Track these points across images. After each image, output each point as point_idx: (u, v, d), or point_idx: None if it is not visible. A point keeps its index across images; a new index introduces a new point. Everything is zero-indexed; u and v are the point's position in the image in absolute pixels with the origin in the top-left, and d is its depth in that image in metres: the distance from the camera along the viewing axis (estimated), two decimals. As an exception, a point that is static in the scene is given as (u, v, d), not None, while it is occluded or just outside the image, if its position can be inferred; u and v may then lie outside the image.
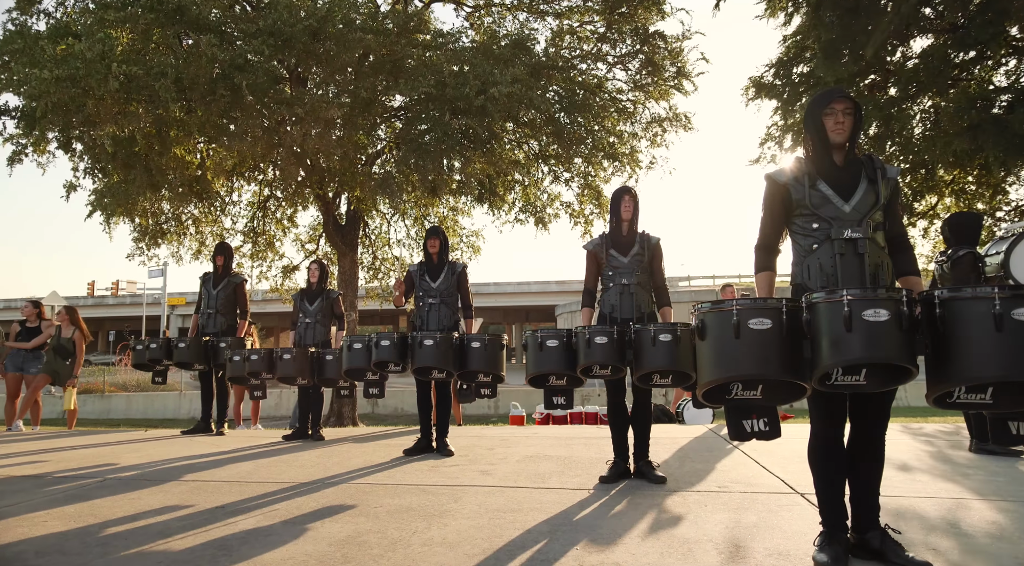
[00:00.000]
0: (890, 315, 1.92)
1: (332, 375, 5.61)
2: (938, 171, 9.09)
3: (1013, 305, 1.82)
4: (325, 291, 6.12)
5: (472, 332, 4.80)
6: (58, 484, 4.02)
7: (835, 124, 2.36)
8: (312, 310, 6.04)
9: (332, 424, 10.09)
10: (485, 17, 10.96)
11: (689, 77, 10.17)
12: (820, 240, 2.35)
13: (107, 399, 20.70)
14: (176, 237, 11.33)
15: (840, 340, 1.95)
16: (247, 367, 5.63)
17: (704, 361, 2.25)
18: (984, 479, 3.85)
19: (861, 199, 2.33)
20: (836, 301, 1.97)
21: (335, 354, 5.55)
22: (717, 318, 2.18)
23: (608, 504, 3.34)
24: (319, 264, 6.20)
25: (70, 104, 5.94)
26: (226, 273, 6.57)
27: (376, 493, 3.65)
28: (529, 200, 10.50)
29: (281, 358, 5.62)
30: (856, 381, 2.08)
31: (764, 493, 3.55)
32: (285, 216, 12.61)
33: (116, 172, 7.74)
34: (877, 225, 2.35)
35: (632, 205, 4.01)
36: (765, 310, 2.12)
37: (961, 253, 4.71)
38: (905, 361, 1.95)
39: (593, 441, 5.56)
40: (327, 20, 6.59)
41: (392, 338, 4.69)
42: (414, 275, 5.05)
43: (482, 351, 4.43)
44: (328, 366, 5.62)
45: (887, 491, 3.51)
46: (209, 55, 5.85)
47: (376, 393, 5.22)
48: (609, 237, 4.01)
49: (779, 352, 2.08)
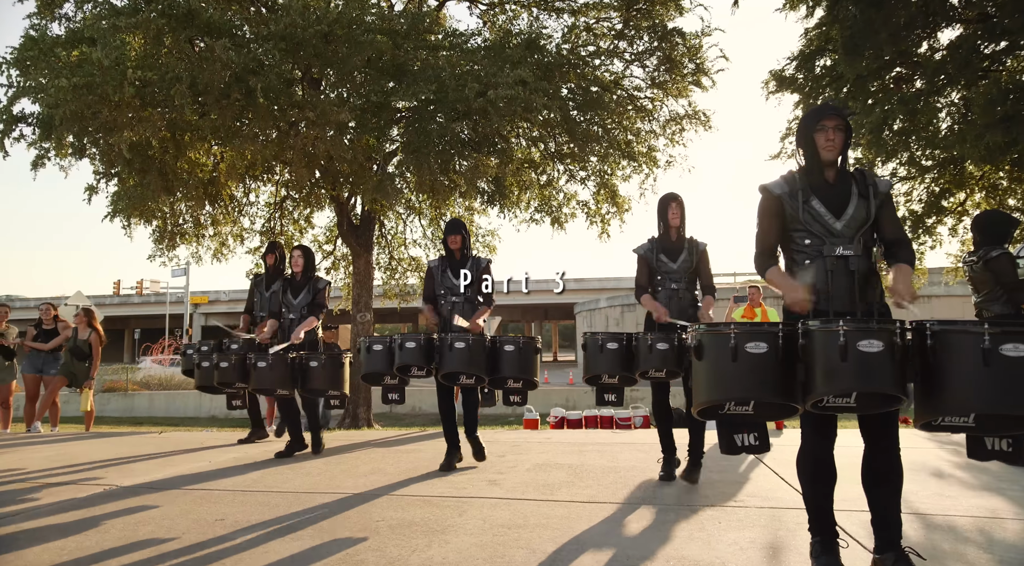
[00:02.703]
0: (884, 346, 1.97)
1: (318, 385, 4.94)
2: (968, 167, 8.76)
3: (1002, 341, 1.86)
4: (312, 281, 5.26)
5: (477, 321, 4.40)
6: (64, 493, 4.00)
7: (826, 141, 2.37)
8: (297, 303, 5.19)
9: (347, 426, 10.08)
10: (500, 15, 10.85)
11: (708, 74, 9.95)
12: (812, 256, 2.38)
13: (130, 397, 21.04)
14: (195, 239, 11.41)
15: (835, 369, 2.01)
16: (217, 376, 4.96)
17: (701, 381, 2.30)
18: (1019, 494, 3.65)
19: (853, 216, 2.37)
20: (832, 331, 2.01)
21: (321, 360, 4.91)
22: (715, 340, 2.22)
23: (615, 520, 3.22)
24: (303, 251, 5.30)
25: (86, 111, 5.95)
26: (306, 277, 5.57)
27: (380, 505, 3.57)
28: (545, 199, 10.36)
29: (256, 366, 4.81)
30: (847, 403, 2.12)
31: (782, 509, 3.40)
32: (302, 216, 12.64)
33: (131, 176, 7.79)
34: (868, 241, 2.38)
35: (679, 212, 4.19)
36: (761, 334, 2.17)
37: (995, 253, 4.49)
38: (896, 391, 2.00)
39: (606, 448, 5.42)
40: (338, 22, 6.54)
41: (418, 340, 4.29)
42: (435, 271, 4.66)
43: (515, 355, 4.17)
44: (313, 374, 4.91)
45: (920, 505, 3.35)
46: (223, 59, 5.80)
47: (396, 399, 4.81)
48: (658, 242, 4.21)
49: (774, 375, 2.14)
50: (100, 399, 18.02)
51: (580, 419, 10.91)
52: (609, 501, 3.60)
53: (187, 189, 8.33)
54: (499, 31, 9.72)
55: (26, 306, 48.76)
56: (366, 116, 6.74)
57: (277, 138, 6.76)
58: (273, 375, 4.85)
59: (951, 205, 9.89)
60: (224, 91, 6.10)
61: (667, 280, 4.13)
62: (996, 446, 2.23)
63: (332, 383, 4.99)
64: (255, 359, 4.86)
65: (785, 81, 9.90)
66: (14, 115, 7.03)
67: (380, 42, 6.80)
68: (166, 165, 7.42)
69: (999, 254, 4.46)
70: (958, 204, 10.10)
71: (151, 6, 6.12)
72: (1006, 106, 6.91)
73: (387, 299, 13.49)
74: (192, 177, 8.06)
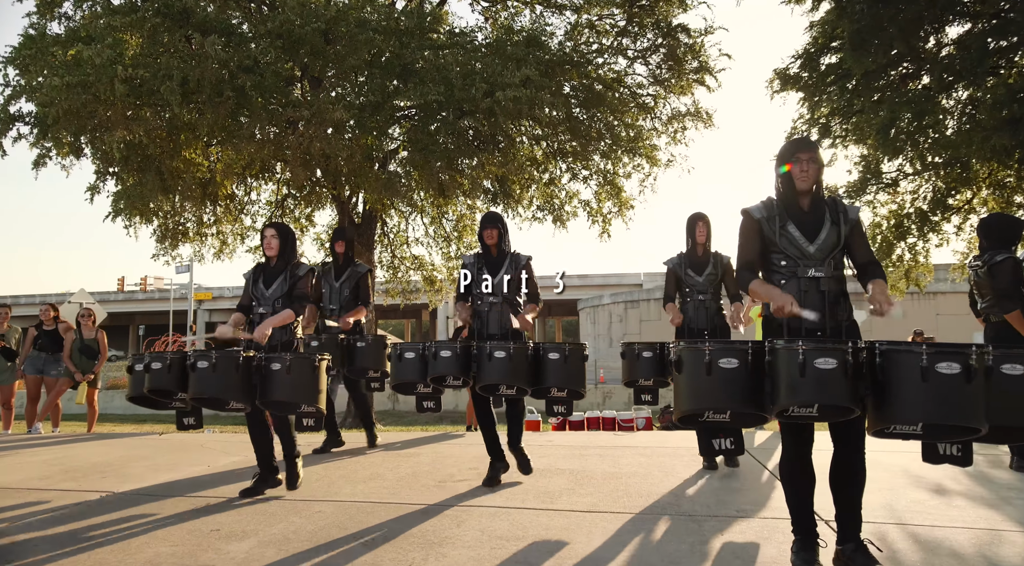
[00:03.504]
0: (838, 363, 2.21)
1: (285, 397, 3.68)
2: (974, 166, 8.66)
3: (937, 360, 2.12)
4: (290, 266, 4.12)
5: (526, 318, 4.15)
6: (60, 501, 3.97)
7: (800, 172, 2.61)
8: (270, 295, 4.01)
9: (348, 426, 10.04)
10: (502, 11, 10.76)
11: (712, 72, 9.86)
12: (787, 276, 2.63)
13: (134, 395, 21.07)
14: (197, 237, 11.39)
15: (795, 383, 2.25)
16: (148, 381, 3.71)
17: (680, 392, 2.55)
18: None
19: (824, 240, 2.60)
20: (793, 349, 2.26)
21: (286, 362, 3.59)
22: (692, 355, 2.45)
23: (615, 531, 3.17)
24: (278, 230, 4.13)
25: (81, 110, 5.91)
26: (348, 263, 5.45)
27: (377, 514, 3.53)
28: (548, 198, 10.30)
29: (195, 367, 3.56)
30: (810, 413, 2.36)
31: (784, 519, 3.33)
32: (304, 215, 12.60)
33: (129, 176, 7.75)
34: (838, 264, 2.63)
35: (706, 230, 4.67)
36: (733, 351, 2.41)
37: (999, 259, 4.41)
38: (848, 403, 2.25)
39: (608, 452, 5.38)
40: (338, 20, 6.47)
41: (454, 349, 3.89)
42: (470, 268, 4.28)
43: (561, 364, 3.83)
44: (276, 382, 3.59)
45: (923, 518, 3.30)
46: (215, 57, 5.73)
47: (431, 407, 4.40)
48: (686, 256, 4.72)
49: (744, 388, 2.39)
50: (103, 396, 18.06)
51: (582, 420, 10.87)
52: (609, 510, 3.56)
53: (185, 189, 8.29)
54: (500, 28, 9.64)
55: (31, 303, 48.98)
56: (364, 114, 6.67)
57: (274, 137, 6.71)
58: (219, 381, 3.52)
59: (957, 203, 9.80)
60: (216, 89, 6.03)
61: (694, 292, 4.67)
62: (947, 451, 2.44)
63: (302, 393, 3.65)
64: (194, 359, 3.59)
65: (790, 79, 9.81)
66: (11, 114, 6.99)
67: (380, 41, 6.74)
68: (163, 164, 7.37)
69: (1004, 258, 4.39)
70: (964, 202, 10.00)
71: (147, 4, 6.06)
72: (1013, 108, 6.80)
73: (389, 298, 13.47)
74: (189, 176, 8.01)
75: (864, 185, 9.58)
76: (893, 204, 10.03)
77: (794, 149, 2.64)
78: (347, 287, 5.38)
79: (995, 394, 2.17)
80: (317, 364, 3.65)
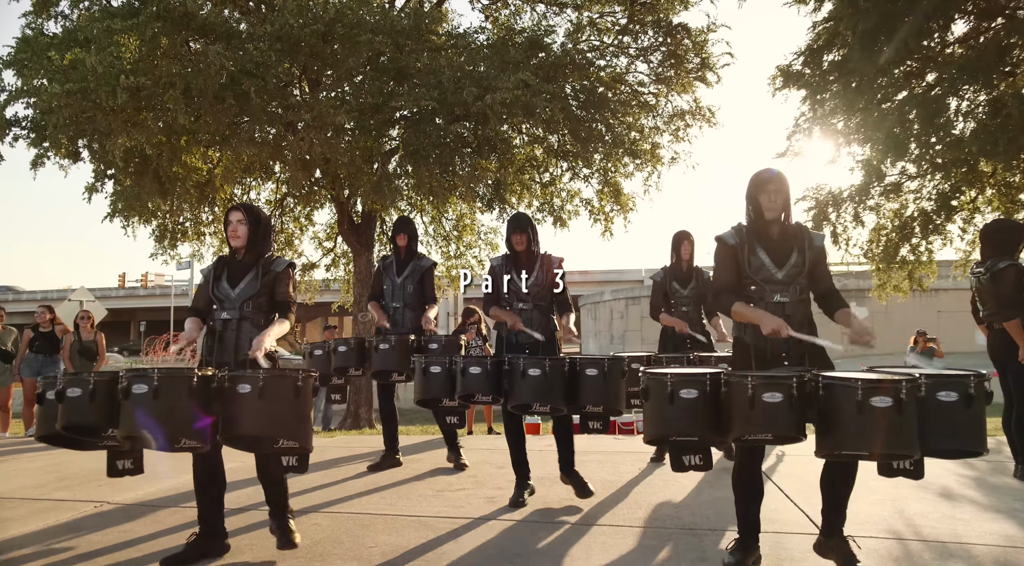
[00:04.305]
0: (783, 397, 2.41)
1: (256, 430, 2.73)
2: (981, 165, 8.56)
3: (872, 393, 2.30)
4: (262, 260, 3.18)
5: (571, 326, 3.96)
6: (53, 514, 3.94)
7: (769, 202, 2.77)
8: (236, 296, 3.10)
9: (348, 427, 10.02)
10: (503, 9, 10.66)
11: (713, 69, 9.77)
12: (755, 301, 2.76)
13: (135, 392, 21.07)
14: (196, 237, 11.34)
15: (746, 414, 2.45)
16: (63, 415, 2.78)
17: (647, 418, 2.76)
18: (1032, 518, 3.54)
19: (791, 266, 2.77)
20: (743, 384, 2.45)
21: (257, 382, 2.66)
22: (656, 385, 2.64)
23: (613, 546, 3.12)
24: (246, 212, 3.18)
25: (81, 116, 5.84)
26: (411, 256, 5.03)
27: (374, 526, 3.48)
28: (547, 200, 10.22)
29: (129, 393, 2.64)
30: (765, 437, 2.54)
31: (786, 534, 3.30)
32: (303, 214, 12.54)
33: (128, 179, 7.69)
34: (803, 288, 2.79)
35: (690, 248, 5.08)
36: (693, 382, 2.60)
37: (1002, 266, 4.35)
38: (793, 433, 2.45)
39: (608, 458, 5.33)
40: (336, 21, 6.39)
41: (484, 365, 3.68)
42: (498, 271, 4.07)
43: (599, 381, 3.55)
44: (245, 411, 2.68)
45: (931, 530, 3.24)
46: (217, 64, 5.66)
47: (455, 423, 4.25)
48: (671, 271, 5.15)
49: (703, 416, 2.59)
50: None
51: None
52: (609, 523, 3.51)
53: (183, 192, 8.23)
54: (501, 28, 9.55)
55: (32, 298, 49.02)
56: (364, 117, 6.60)
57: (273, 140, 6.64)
58: (162, 412, 2.63)
59: (961, 203, 9.70)
60: (218, 95, 5.96)
61: (679, 304, 5.10)
62: (900, 466, 2.63)
63: (279, 425, 2.72)
64: (127, 381, 2.64)
65: (792, 77, 9.70)
66: (7, 119, 6.92)
67: (379, 42, 6.65)
68: (161, 168, 7.31)
69: (1007, 265, 4.33)
70: (968, 201, 9.91)
71: (147, 8, 5.98)
72: None
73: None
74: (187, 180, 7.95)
75: (867, 188, 9.49)
76: (896, 204, 9.94)
77: (762, 181, 2.79)
78: (411, 283, 4.94)
79: (932, 420, 2.39)
80: (300, 384, 2.72)
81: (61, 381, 2.78)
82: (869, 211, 9.90)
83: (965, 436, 2.44)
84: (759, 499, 2.84)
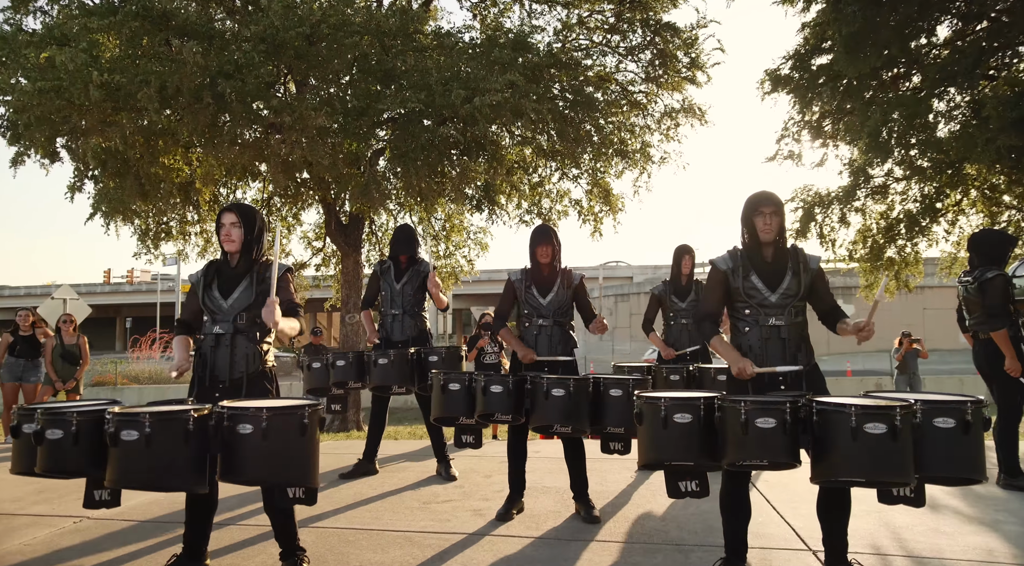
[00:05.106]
0: (776, 423, 2.39)
1: (261, 476, 2.55)
2: (965, 168, 8.63)
3: (866, 420, 2.28)
4: (258, 265, 2.95)
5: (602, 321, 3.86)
6: (30, 530, 3.86)
7: (764, 225, 2.77)
8: (229, 307, 2.89)
9: (335, 430, 9.96)
10: (491, 7, 10.58)
11: (703, 68, 9.75)
12: (751, 324, 2.80)
13: (119, 392, 20.86)
14: (180, 236, 11.21)
15: (739, 440, 2.44)
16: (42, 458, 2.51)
17: (641, 442, 2.75)
18: (1017, 530, 3.56)
19: (786, 290, 2.77)
20: (737, 409, 2.44)
21: (261, 423, 2.39)
22: (651, 409, 2.63)
23: (598, 561, 3.11)
24: (240, 213, 2.94)
25: (56, 115, 5.72)
26: (411, 261, 4.90)
27: (358, 543, 3.44)
28: (535, 201, 10.19)
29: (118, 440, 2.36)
30: (759, 463, 2.52)
31: (771, 549, 3.30)
32: (290, 213, 12.42)
33: (108, 180, 7.57)
34: (799, 311, 2.79)
35: (691, 262, 5.18)
36: (687, 407, 2.59)
37: (990, 275, 4.38)
38: (786, 459, 2.44)
39: (596, 465, 5.28)
40: (322, 22, 6.29)
41: (506, 384, 3.54)
42: (517, 287, 3.98)
43: (624, 402, 3.44)
44: (247, 454, 2.44)
45: (915, 544, 3.25)
46: (193, 62, 5.55)
47: (471, 442, 4.03)
48: (671, 285, 5.26)
49: (697, 441, 2.58)
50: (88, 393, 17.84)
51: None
52: (596, 538, 3.49)
53: (164, 194, 8.12)
54: (489, 27, 9.47)
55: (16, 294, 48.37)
56: (349, 119, 6.51)
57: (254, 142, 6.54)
58: (153, 461, 2.37)
59: (946, 205, 9.78)
60: (196, 94, 5.84)
61: (678, 316, 5.18)
62: (900, 493, 2.61)
63: (285, 470, 2.50)
64: (115, 427, 2.35)
65: (781, 80, 9.72)
66: (-19, 117, 6.78)
67: (366, 42, 6.57)
68: (141, 170, 7.19)
69: (995, 275, 4.35)
70: (953, 204, 9.99)
71: (126, 6, 5.85)
72: (1020, 109, 6.73)
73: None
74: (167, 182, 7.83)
75: (854, 190, 9.54)
76: (883, 205, 10.00)
77: (758, 204, 2.79)
78: (410, 288, 4.82)
79: (928, 447, 2.37)
80: (307, 420, 2.46)
81: (40, 419, 2.46)
82: (855, 212, 9.96)
83: (963, 464, 2.42)
84: (747, 520, 2.85)
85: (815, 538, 3.37)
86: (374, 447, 5.12)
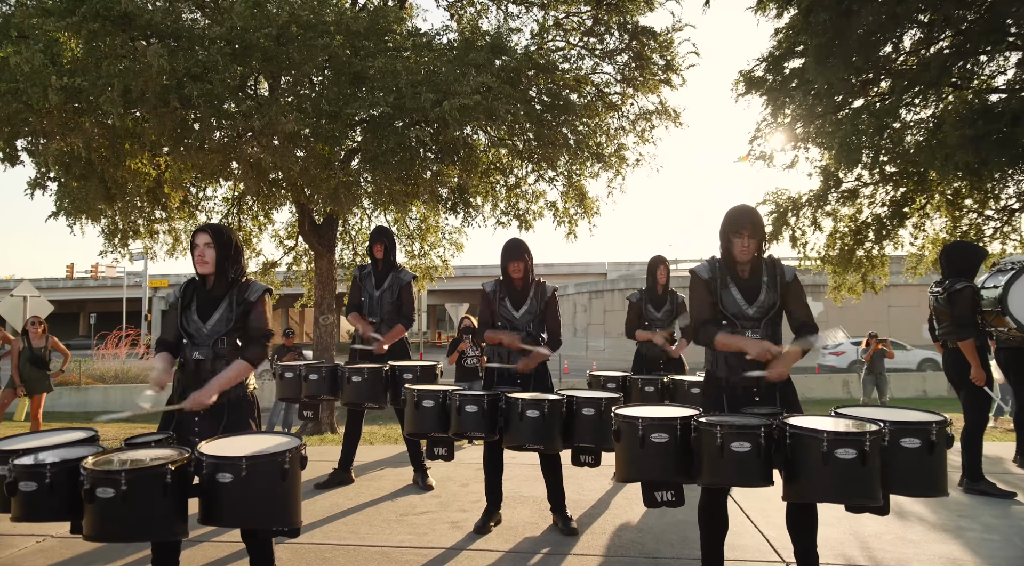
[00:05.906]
0: (751, 447, 2.45)
1: (243, 523, 2.58)
2: (930, 175, 8.84)
3: (837, 445, 2.35)
4: (236, 287, 2.89)
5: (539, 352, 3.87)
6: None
7: (742, 247, 2.80)
8: (209, 331, 2.84)
9: (309, 432, 9.83)
10: (468, 7, 10.50)
11: (678, 70, 9.82)
12: None
13: (83, 392, 20.28)
14: (148, 235, 10.93)
15: (715, 462, 2.49)
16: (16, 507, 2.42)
17: (619, 459, 2.78)
18: (979, 537, 3.67)
19: (762, 302, 2.83)
20: (713, 432, 2.47)
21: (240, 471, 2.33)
22: (628, 428, 2.68)
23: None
24: (214, 235, 2.87)
25: (14, 117, 5.50)
26: (389, 268, 4.89)
27: (335, 560, 3.40)
28: (512, 203, 10.17)
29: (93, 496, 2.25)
30: (733, 484, 2.61)
31: (746, 561, 3.35)
32: (261, 212, 12.21)
33: (71, 181, 7.33)
34: (775, 324, 2.84)
35: (666, 273, 5.39)
36: (664, 427, 2.63)
37: (959, 287, 4.50)
38: (759, 482, 2.49)
39: (572, 473, 5.28)
40: (290, 23, 6.15)
41: (481, 403, 3.54)
42: (491, 299, 4.00)
43: (595, 420, 3.45)
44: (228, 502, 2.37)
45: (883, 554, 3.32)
46: (157, 65, 5.37)
47: (443, 454, 3.97)
48: (647, 294, 5.41)
49: (674, 460, 2.62)
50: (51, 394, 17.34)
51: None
52: (572, 551, 3.51)
53: (131, 198, 7.89)
54: (466, 26, 9.40)
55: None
56: (320, 123, 6.38)
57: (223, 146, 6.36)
58: (132, 514, 2.28)
59: (912, 210, 10.01)
60: (161, 97, 5.65)
61: (653, 325, 5.33)
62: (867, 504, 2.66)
63: (267, 515, 2.45)
64: (90, 484, 2.27)
65: (755, 82, 9.83)
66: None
67: (337, 44, 6.44)
68: (106, 173, 6.96)
69: (963, 287, 4.47)
70: (919, 208, 10.23)
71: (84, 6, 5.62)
72: (976, 127, 6.93)
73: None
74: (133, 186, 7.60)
75: (825, 194, 9.71)
76: (852, 209, 10.20)
77: (736, 224, 2.80)
78: (389, 296, 4.83)
79: (895, 466, 2.46)
80: (287, 466, 2.39)
81: (12, 471, 2.35)
82: (827, 216, 10.14)
83: (927, 483, 2.52)
84: (724, 533, 2.88)
85: (788, 549, 3.42)
86: (350, 456, 5.08)
